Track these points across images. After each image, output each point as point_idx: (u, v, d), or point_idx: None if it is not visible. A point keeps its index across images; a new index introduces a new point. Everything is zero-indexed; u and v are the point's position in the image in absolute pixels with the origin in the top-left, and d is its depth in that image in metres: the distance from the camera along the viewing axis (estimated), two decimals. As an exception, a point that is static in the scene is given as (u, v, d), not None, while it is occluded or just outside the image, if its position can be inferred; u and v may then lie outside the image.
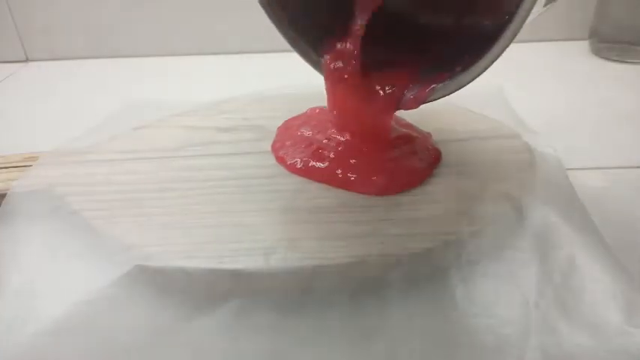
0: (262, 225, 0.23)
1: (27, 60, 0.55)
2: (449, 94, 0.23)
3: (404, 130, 0.28)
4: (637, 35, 0.45)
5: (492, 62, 0.20)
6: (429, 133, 0.29)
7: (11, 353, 0.19)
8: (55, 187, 0.26)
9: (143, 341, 0.19)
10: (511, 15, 0.19)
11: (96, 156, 0.29)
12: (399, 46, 0.26)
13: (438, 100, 0.34)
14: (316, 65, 0.27)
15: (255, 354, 0.19)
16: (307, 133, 0.28)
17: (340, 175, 0.25)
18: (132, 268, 0.21)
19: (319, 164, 0.26)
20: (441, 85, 0.23)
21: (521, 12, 0.19)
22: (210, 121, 0.32)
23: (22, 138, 0.38)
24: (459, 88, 0.22)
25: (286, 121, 0.31)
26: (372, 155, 0.26)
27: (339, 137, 0.27)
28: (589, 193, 0.27)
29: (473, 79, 0.22)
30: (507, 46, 0.20)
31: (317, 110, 0.31)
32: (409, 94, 0.25)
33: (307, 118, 0.31)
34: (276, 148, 0.28)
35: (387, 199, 0.24)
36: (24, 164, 0.28)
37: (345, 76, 0.26)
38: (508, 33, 0.19)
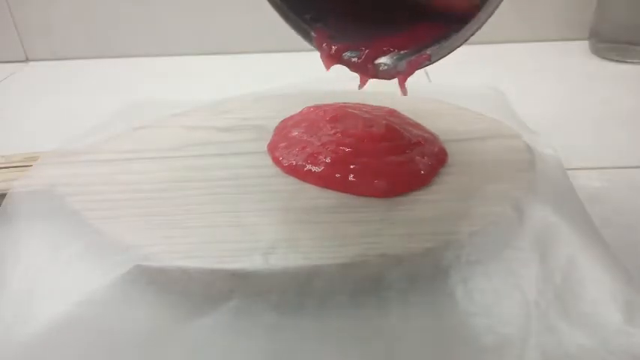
0: (262, 225, 0.23)
1: (27, 60, 0.55)
2: (445, 56, 0.23)
3: (415, 131, 0.28)
4: (637, 35, 0.45)
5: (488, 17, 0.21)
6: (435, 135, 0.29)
7: (11, 353, 0.19)
8: (55, 187, 0.26)
9: (143, 341, 0.19)
10: None
11: (96, 156, 0.29)
12: (389, 16, 0.26)
13: (437, 101, 0.34)
14: (306, 36, 0.27)
15: (255, 354, 0.19)
16: (300, 135, 0.28)
17: (340, 179, 0.25)
18: (132, 268, 0.21)
19: (315, 168, 0.25)
20: (436, 47, 0.23)
21: None
22: (210, 121, 0.32)
23: (22, 138, 0.38)
24: (454, 49, 0.23)
25: (282, 121, 0.31)
26: (373, 158, 0.26)
27: (336, 139, 0.27)
28: (589, 193, 0.27)
29: (468, 38, 0.22)
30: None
31: (311, 109, 0.31)
32: (403, 61, 0.24)
33: (300, 118, 0.31)
34: (271, 149, 0.28)
35: (387, 199, 0.24)
36: (24, 164, 0.28)
37: (332, 51, 0.25)
38: None
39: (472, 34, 0.22)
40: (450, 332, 0.19)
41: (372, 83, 0.26)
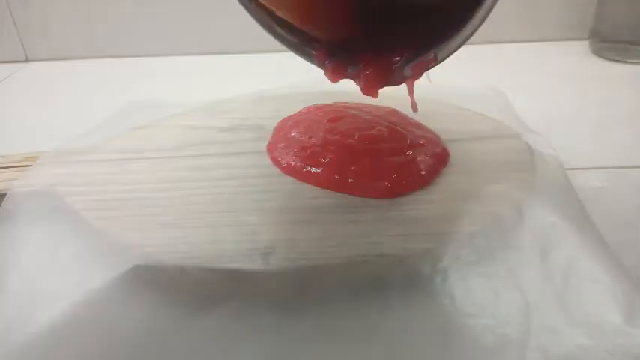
0: (262, 225, 0.23)
1: (27, 60, 0.55)
2: (451, 54, 0.23)
3: (417, 131, 0.28)
4: (637, 35, 0.45)
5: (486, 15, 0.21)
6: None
7: (11, 353, 0.19)
8: (55, 187, 0.26)
9: (143, 341, 0.19)
10: None
11: (96, 156, 0.29)
12: (388, 24, 0.26)
13: (437, 101, 0.34)
14: (308, 57, 0.27)
15: (254, 354, 0.19)
16: (299, 135, 0.28)
17: (339, 181, 0.25)
18: (132, 268, 0.21)
19: (314, 169, 0.25)
20: (440, 47, 0.23)
21: None
22: (210, 121, 0.32)
23: (22, 138, 0.38)
24: (460, 47, 0.23)
25: (280, 121, 0.31)
26: (374, 160, 0.26)
27: (335, 140, 0.27)
28: (589, 193, 0.27)
29: (473, 33, 0.22)
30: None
31: (311, 109, 0.31)
32: (410, 64, 0.24)
33: (299, 119, 0.31)
34: (270, 149, 0.28)
35: (387, 199, 0.24)
36: (24, 164, 0.28)
37: (330, 67, 0.26)
38: None
39: (476, 29, 0.22)
40: (450, 332, 0.19)
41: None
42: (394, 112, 0.31)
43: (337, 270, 0.20)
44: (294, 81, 0.35)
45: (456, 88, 0.36)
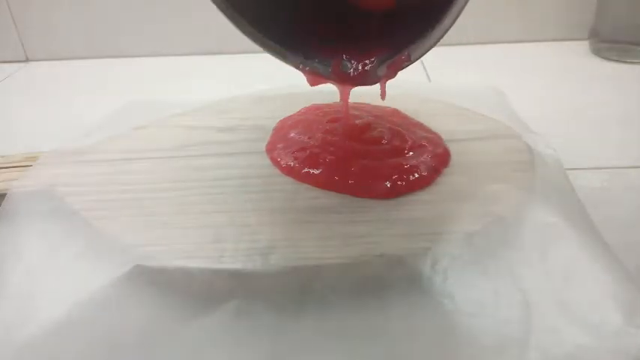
0: (262, 225, 0.23)
1: (27, 60, 0.55)
2: (424, 54, 0.23)
3: (419, 132, 0.28)
4: (637, 35, 0.45)
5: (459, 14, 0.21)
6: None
7: (11, 353, 0.19)
8: (55, 187, 0.26)
9: (143, 341, 0.19)
10: None
11: (96, 156, 0.29)
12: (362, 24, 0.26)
13: (437, 101, 0.34)
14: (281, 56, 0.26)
15: (255, 354, 0.19)
16: (298, 136, 0.28)
17: (338, 182, 0.25)
18: (132, 268, 0.21)
19: (313, 170, 0.25)
20: (413, 46, 0.23)
21: None
22: (210, 121, 0.32)
23: (22, 138, 0.38)
24: (433, 46, 0.23)
25: (279, 122, 0.31)
26: (374, 161, 0.26)
27: (334, 141, 0.27)
28: (589, 193, 0.27)
29: (444, 34, 0.22)
30: None
31: (310, 109, 0.31)
32: (384, 65, 0.24)
33: (298, 119, 0.31)
34: (269, 150, 0.28)
35: (387, 199, 0.24)
36: (24, 164, 0.28)
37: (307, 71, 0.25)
38: None
39: (449, 29, 0.22)
40: (450, 332, 0.19)
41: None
42: (395, 113, 0.31)
43: (337, 270, 0.20)
44: (294, 81, 0.35)
45: (456, 88, 0.36)
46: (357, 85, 0.25)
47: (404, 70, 0.24)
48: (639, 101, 0.39)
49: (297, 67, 0.26)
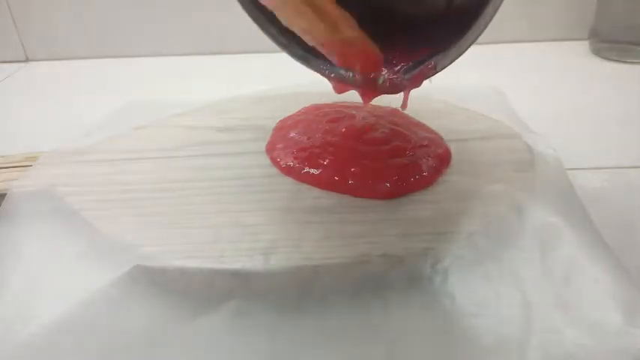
0: (262, 225, 0.23)
1: (27, 60, 0.55)
2: (450, 64, 0.23)
3: (420, 132, 0.28)
4: (637, 35, 0.45)
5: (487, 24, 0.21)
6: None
7: (11, 353, 0.19)
8: (55, 187, 0.26)
9: (143, 341, 0.19)
10: None
11: (96, 156, 0.29)
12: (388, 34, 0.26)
13: (437, 100, 0.34)
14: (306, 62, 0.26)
15: (255, 354, 0.19)
16: (297, 136, 0.28)
17: (337, 182, 0.25)
18: (132, 268, 0.21)
19: (312, 170, 0.25)
20: (440, 55, 0.23)
21: None
22: (210, 121, 0.32)
23: (22, 138, 0.38)
24: (459, 56, 0.23)
25: (279, 122, 0.31)
26: (374, 161, 0.26)
27: (334, 142, 0.27)
28: (589, 193, 0.27)
29: (471, 44, 0.22)
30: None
31: (310, 109, 0.31)
32: (410, 74, 0.24)
33: (298, 119, 0.31)
34: (269, 150, 0.28)
35: (387, 199, 0.24)
36: (24, 164, 0.28)
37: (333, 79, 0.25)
38: None
39: (476, 39, 0.22)
40: (450, 332, 0.19)
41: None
42: (395, 112, 0.31)
43: (337, 270, 0.20)
44: (294, 81, 0.35)
45: (456, 88, 0.36)
46: (383, 94, 0.25)
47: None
48: (639, 101, 0.39)
49: (322, 74, 0.26)
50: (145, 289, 0.21)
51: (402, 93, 0.25)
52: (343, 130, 0.28)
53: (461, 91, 0.35)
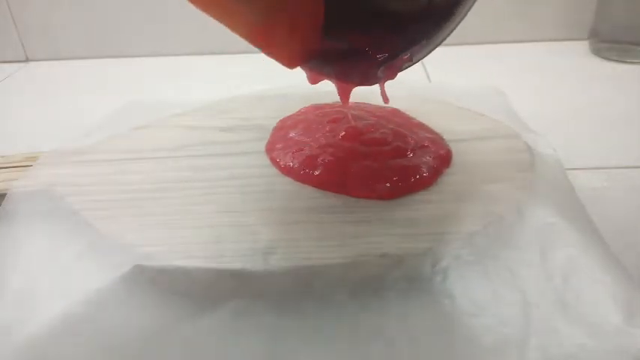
0: (262, 225, 0.23)
1: (27, 60, 0.55)
2: (426, 56, 0.23)
3: (421, 132, 0.28)
4: (637, 35, 0.45)
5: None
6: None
7: (11, 353, 0.19)
8: (55, 187, 0.26)
9: (143, 341, 0.19)
10: None
11: (96, 156, 0.29)
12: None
13: (437, 101, 0.34)
14: None
15: (255, 354, 0.19)
16: (297, 136, 0.28)
17: (337, 183, 0.25)
18: (132, 268, 0.21)
19: (313, 171, 0.25)
20: (416, 47, 0.23)
21: None
22: (210, 121, 0.32)
23: (22, 138, 0.38)
24: (435, 48, 0.23)
25: (279, 121, 0.31)
26: (374, 162, 0.26)
27: (334, 142, 0.27)
28: (589, 193, 0.27)
29: (447, 36, 0.22)
30: None
31: (310, 109, 0.31)
32: (384, 65, 0.24)
33: (298, 119, 0.30)
34: (268, 150, 0.28)
35: (387, 199, 0.24)
36: (24, 164, 0.28)
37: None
38: None
39: (452, 30, 0.22)
40: (450, 332, 0.19)
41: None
42: (396, 113, 0.31)
43: (337, 270, 0.20)
44: (295, 81, 0.35)
45: (456, 88, 0.36)
46: (357, 86, 0.25)
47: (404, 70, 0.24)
48: (639, 101, 0.39)
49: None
50: (145, 289, 0.21)
51: (377, 85, 0.25)
52: (343, 130, 0.28)
53: (461, 91, 0.35)
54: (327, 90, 0.27)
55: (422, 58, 0.23)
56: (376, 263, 0.20)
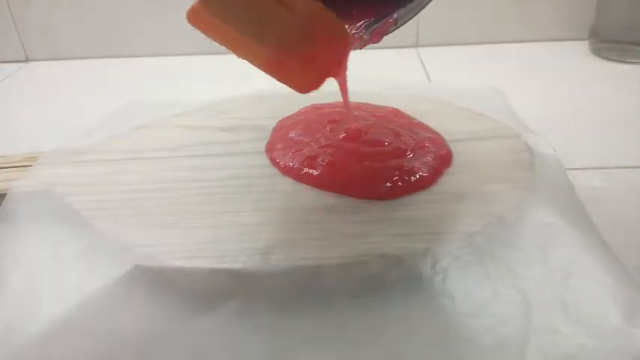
0: (262, 225, 0.23)
1: (27, 60, 0.55)
2: (410, 19, 0.23)
3: (422, 132, 0.28)
4: (637, 35, 0.45)
5: None
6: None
7: (11, 353, 0.19)
8: (55, 187, 0.26)
9: (143, 341, 0.19)
10: None
11: (96, 156, 0.29)
12: None
13: (437, 101, 0.34)
14: None
15: (255, 354, 0.19)
16: (297, 136, 0.28)
17: (337, 183, 0.25)
18: (132, 268, 0.21)
19: (313, 171, 0.25)
20: (402, 11, 0.23)
21: None
22: (210, 121, 0.32)
23: (22, 138, 0.38)
24: (420, 11, 0.22)
25: (279, 122, 0.31)
26: (375, 162, 0.26)
27: (334, 143, 0.27)
28: (589, 193, 0.27)
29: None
30: None
31: (309, 109, 0.31)
32: (370, 29, 0.24)
33: (298, 119, 0.30)
34: (268, 150, 0.28)
35: (387, 199, 0.24)
36: (24, 164, 0.28)
37: None
38: None
39: None
40: (450, 332, 0.19)
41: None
42: (396, 113, 0.31)
43: (337, 270, 0.20)
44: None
45: (456, 88, 0.36)
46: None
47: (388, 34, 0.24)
48: (639, 101, 0.39)
49: None
50: (145, 289, 0.21)
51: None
52: (343, 130, 0.28)
53: (461, 91, 0.35)
54: (326, 90, 0.27)
55: (407, 21, 0.23)
56: (376, 263, 0.20)
